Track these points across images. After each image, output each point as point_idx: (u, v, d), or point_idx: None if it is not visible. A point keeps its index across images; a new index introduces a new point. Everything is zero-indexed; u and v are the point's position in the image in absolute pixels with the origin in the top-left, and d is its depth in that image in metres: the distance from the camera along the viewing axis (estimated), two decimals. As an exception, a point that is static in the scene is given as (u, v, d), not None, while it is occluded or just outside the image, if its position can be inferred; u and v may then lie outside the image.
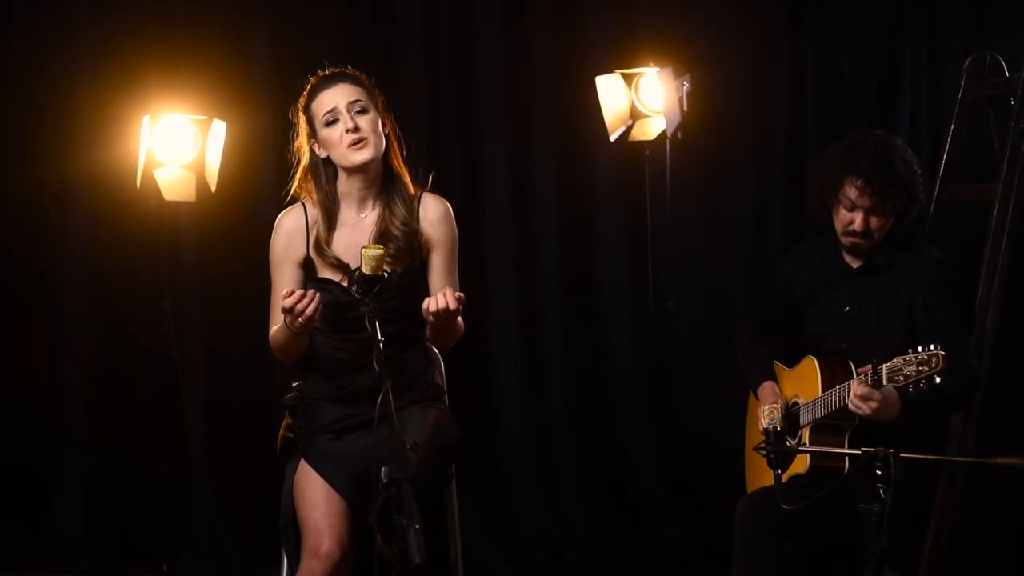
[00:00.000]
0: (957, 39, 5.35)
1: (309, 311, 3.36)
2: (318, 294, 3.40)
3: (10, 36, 5.05)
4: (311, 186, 3.64)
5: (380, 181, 3.62)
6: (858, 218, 3.86)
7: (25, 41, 5.04)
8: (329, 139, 3.57)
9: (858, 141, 3.91)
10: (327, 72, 3.64)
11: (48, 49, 5.03)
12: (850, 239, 3.91)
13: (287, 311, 3.37)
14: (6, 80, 5.04)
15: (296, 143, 3.67)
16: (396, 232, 3.57)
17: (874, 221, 3.86)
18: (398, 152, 3.65)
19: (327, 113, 3.56)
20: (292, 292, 3.38)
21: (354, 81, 3.61)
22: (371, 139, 3.56)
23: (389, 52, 5.19)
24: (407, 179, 3.65)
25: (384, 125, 3.62)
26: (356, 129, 3.54)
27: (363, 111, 3.57)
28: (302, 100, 3.64)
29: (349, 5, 5.24)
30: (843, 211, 3.89)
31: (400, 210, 3.59)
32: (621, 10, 5.32)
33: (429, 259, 3.64)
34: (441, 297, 3.42)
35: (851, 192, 3.85)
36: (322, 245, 3.57)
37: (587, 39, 5.29)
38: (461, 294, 3.46)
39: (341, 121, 3.55)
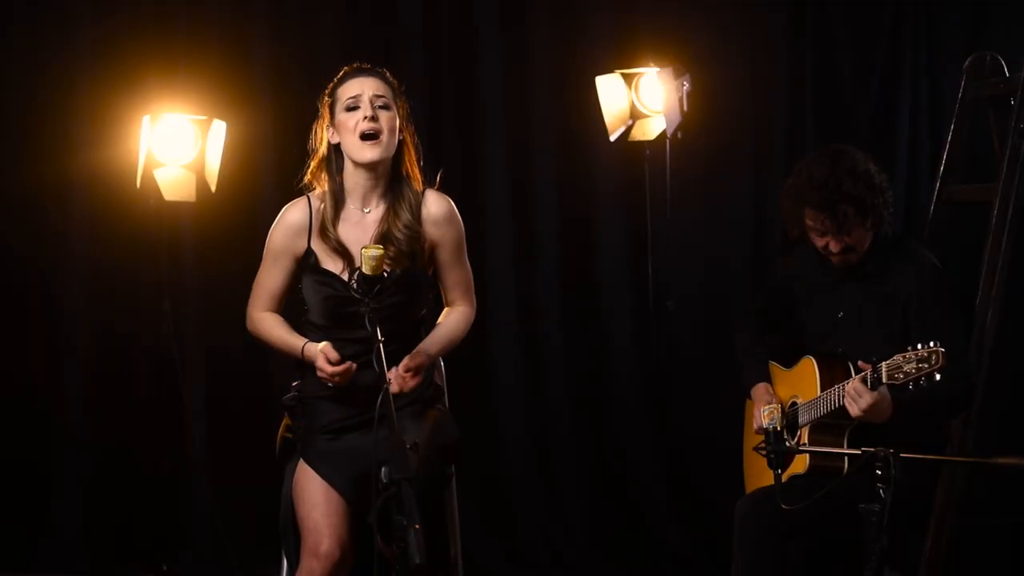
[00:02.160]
0: (957, 39, 5.35)
1: (338, 381, 3.47)
2: (354, 367, 3.47)
3: (10, 36, 5.04)
4: (323, 175, 3.65)
5: (386, 181, 3.63)
6: (830, 242, 3.88)
7: (25, 41, 5.04)
8: (344, 124, 3.58)
9: (804, 166, 3.91)
10: (362, 65, 3.67)
11: (48, 49, 5.03)
12: (833, 258, 3.92)
13: (326, 368, 3.46)
14: (6, 80, 5.04)
15: (314, 127, 3.67)
16: (399, 235, 3.57)
17: (846, 238, 3.86)
18: (413, 159, 3.66)
19: (350, 98, 3.58)
20: (342, 361, 3.47)
21: (385, 80, 3.64)
22: (384, 137, 3.57)
23: (389, 52, 5.19)
24: (416, 185, 3.66)
25: (402, 130, 3.62)
26: (374, 119, 3.55)
27: (385, 107, 3.58)
28: (331, 84, 3.66)
29: (349, 5, 5.24)
30: (815, 237, 3.92)
31: (404, 213, 3.60)
32: (621, 10, 5.32)
33: (436, 256, 3.65)
34: (396, 382, 3.46)
35: (810, 222, 3.88)
36: (327, 228, 3.58)
37: (587, 39, 5.29)
38: (411, 366, 3.48)
39: (361, 109, 3.56)
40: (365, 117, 3.55)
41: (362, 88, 3.59)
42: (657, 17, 5.28)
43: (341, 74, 3.66)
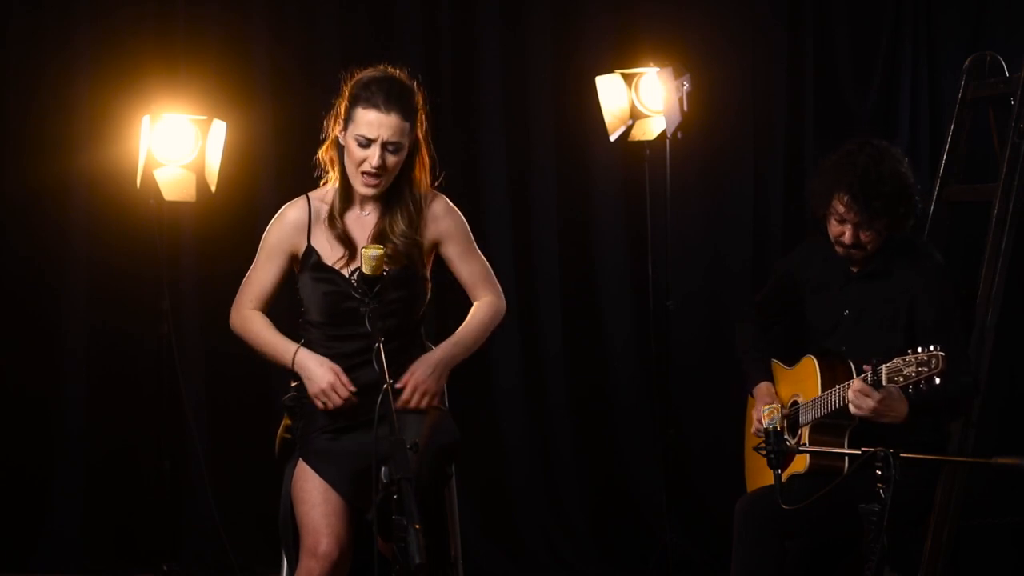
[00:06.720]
0: (957, 39, 5.35)
1: (338, 400, 3.48)
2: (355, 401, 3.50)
3: (10, 36, 5.04)
4: (335, 160, 3.65)
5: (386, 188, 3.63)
6: (847, 232, 3.86)
7: (25, 41, 5.03)
8: (351, 152, 3.56)
9: (849, 152, 3.88)
10: (389, 80, 3.59)
11: (48, 49, 5.02)
12: (842, 249, 3.91)
13: (330, 388, 3.49)
14: (6, 80, 5.04)
15: (326, 122, 3.65)
16: (395, 240, 3.58)
17: (864, 235, 3.85)
18: (426, 167, 3.65)
19: (363, 135, 3.53)
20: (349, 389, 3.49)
21: (405, 116, 3.55)
22: (384, 180, 3.56)
23: (389, 52, 5.18)
24: (421, 191, 3.65)
25: (414, 145, 3.60)
26: (381, 167, 3.53)
27: (396, 151, 3.55)
28: (353, 88, 3.59)
29: (349, 5, 5.24)
30: (834, 223, 3.89)
31: (400, 222, 3.60)
32: (621, 10, 5.32)
33: (446, 253, 3.67)
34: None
35: (839, 207, 3.85)
36: (335, 216, 3.59)
37: (587, 39, 5.29)
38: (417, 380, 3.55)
39: (372, 151, 3.52)
40: (373, 165, 3.52)
41: (379, 130, 3.51)
42: (657, 17, 5.28)
43: (364, 83, 3.56)
